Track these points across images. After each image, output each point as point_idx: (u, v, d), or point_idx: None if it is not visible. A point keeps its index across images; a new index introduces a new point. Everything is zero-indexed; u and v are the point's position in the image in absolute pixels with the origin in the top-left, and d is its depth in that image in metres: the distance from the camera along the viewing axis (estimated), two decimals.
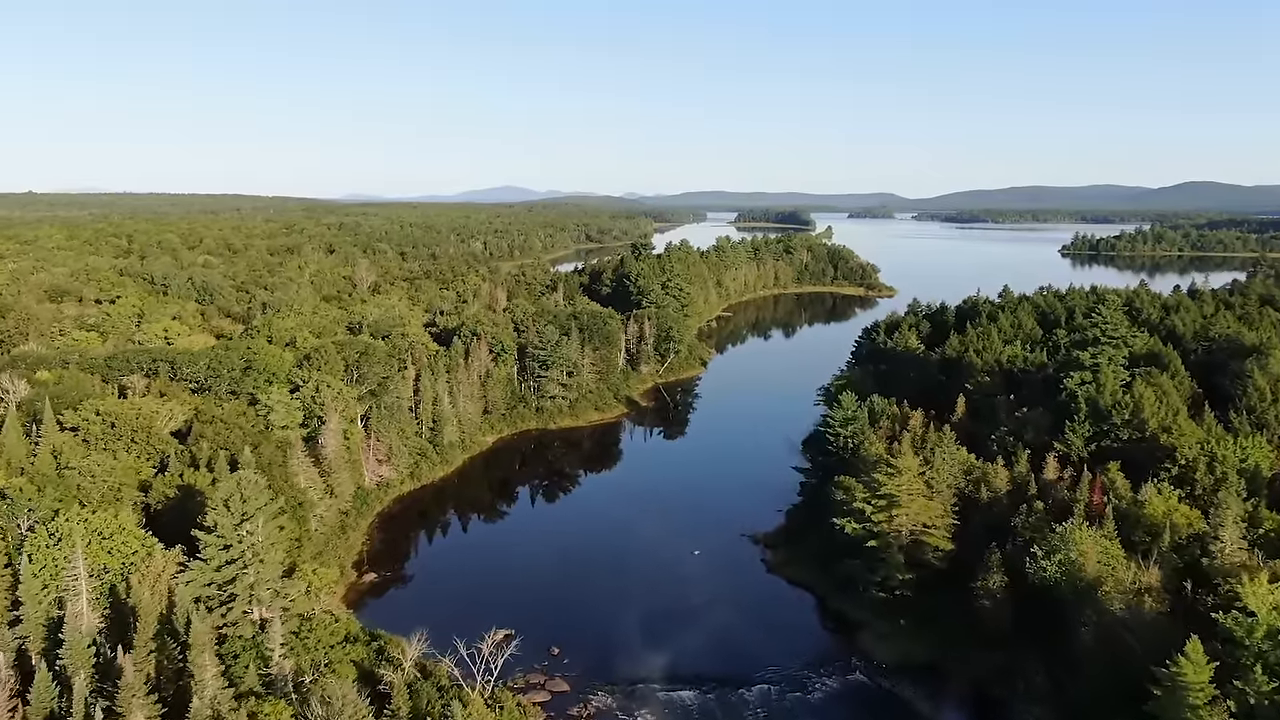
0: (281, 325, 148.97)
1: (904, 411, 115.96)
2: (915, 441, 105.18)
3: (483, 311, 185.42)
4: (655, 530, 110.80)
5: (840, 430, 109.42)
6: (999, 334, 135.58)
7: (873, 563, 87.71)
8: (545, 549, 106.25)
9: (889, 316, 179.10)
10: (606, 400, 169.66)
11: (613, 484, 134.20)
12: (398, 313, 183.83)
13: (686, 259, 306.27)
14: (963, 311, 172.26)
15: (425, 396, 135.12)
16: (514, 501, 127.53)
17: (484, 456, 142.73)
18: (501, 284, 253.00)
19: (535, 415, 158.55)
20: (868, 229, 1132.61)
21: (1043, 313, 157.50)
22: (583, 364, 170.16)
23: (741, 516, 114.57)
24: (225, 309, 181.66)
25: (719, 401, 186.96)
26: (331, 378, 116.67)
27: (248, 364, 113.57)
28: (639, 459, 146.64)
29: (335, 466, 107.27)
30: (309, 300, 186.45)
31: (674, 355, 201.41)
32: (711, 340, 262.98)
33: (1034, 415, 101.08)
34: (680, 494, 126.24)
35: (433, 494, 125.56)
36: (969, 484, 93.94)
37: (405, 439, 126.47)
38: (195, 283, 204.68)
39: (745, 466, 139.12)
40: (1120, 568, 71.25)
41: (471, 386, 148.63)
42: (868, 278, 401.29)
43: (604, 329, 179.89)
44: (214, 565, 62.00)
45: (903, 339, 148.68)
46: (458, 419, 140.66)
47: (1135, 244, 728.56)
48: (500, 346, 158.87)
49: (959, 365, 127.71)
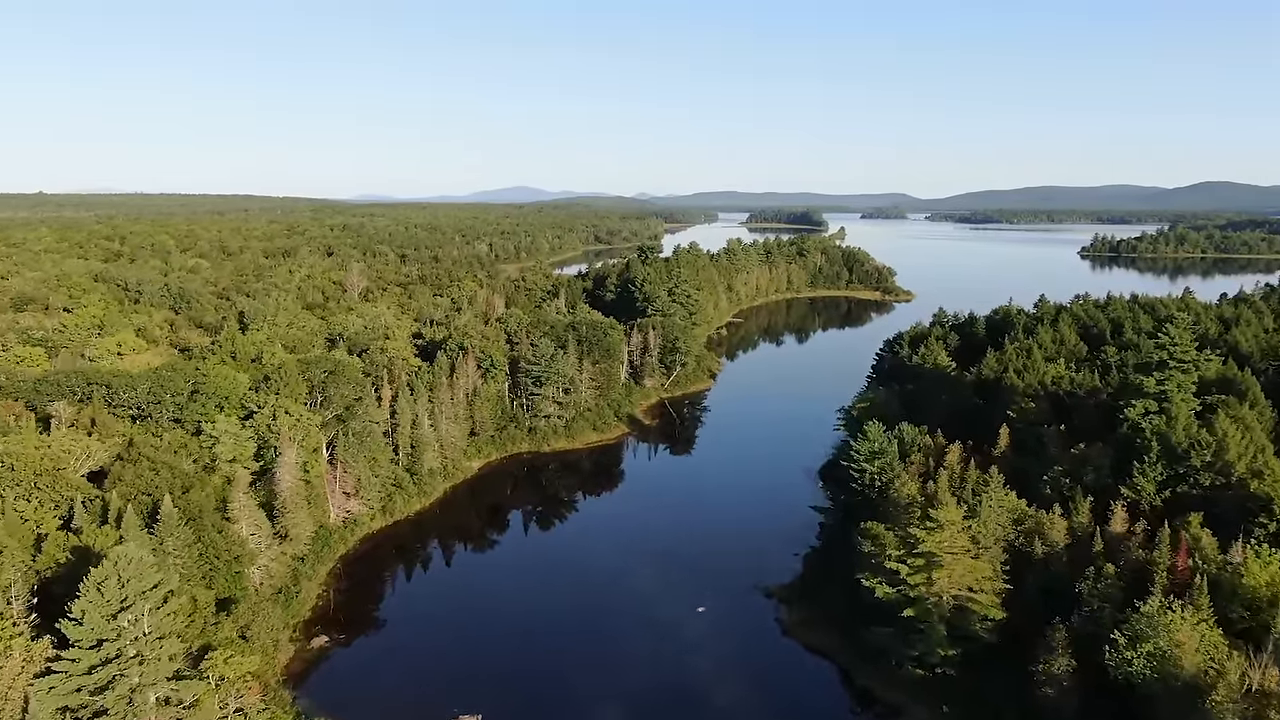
0: (250, 339, 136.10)
1: (937, 443, 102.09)
2: (953, 480, 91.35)
3: (474, 321, 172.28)
4: (655, 581, 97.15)
5: (866, 465, 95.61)
6: (1040, 351, 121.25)
7: (909, 634, 73.93)
8: (527, 604, 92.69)
9: (913, 328, 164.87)
10: (606, 419, 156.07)
11: (609, 518, 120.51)
12: (383, 323, 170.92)
13: (695, 262, 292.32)
14: (994, 323, 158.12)
15: (402, 419, 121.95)
16: (498, 541, 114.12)
17: (468, 484, 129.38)
18: (499, 290, 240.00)
19: (527, 437, 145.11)
20: (881, 230, 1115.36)
21: (1084, 326, 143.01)
22: (581, 379, 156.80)
23: (752, 560, 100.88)
24: (197, 319, 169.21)
25: (728, 418, 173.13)
26: (292, 402, 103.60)
27: (195, 387, 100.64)
28: (640, 487, 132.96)
29: (290, 505, 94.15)
30: (290, 309, 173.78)
31: (680, 368, 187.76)
32: (721, 348, 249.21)
33: (1092, 452, 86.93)
34: (684, 531, 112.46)
35: (407, 531, 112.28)
36: (1019, 535, 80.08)
37: (377, 468, 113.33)
38: (171, 289, 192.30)
39: (756, 497, 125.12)
40: (1226, 661, 57.26)
41: (456, 406, 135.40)
42: (884, 281, 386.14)
43: (604, 341, 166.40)
44: (81, 668, 48.92)
45: (931, 355, 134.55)
46: (439, 443, 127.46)
47: (1156, 245, 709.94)
48: (489, 361, 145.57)
49: (998, 388, 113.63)
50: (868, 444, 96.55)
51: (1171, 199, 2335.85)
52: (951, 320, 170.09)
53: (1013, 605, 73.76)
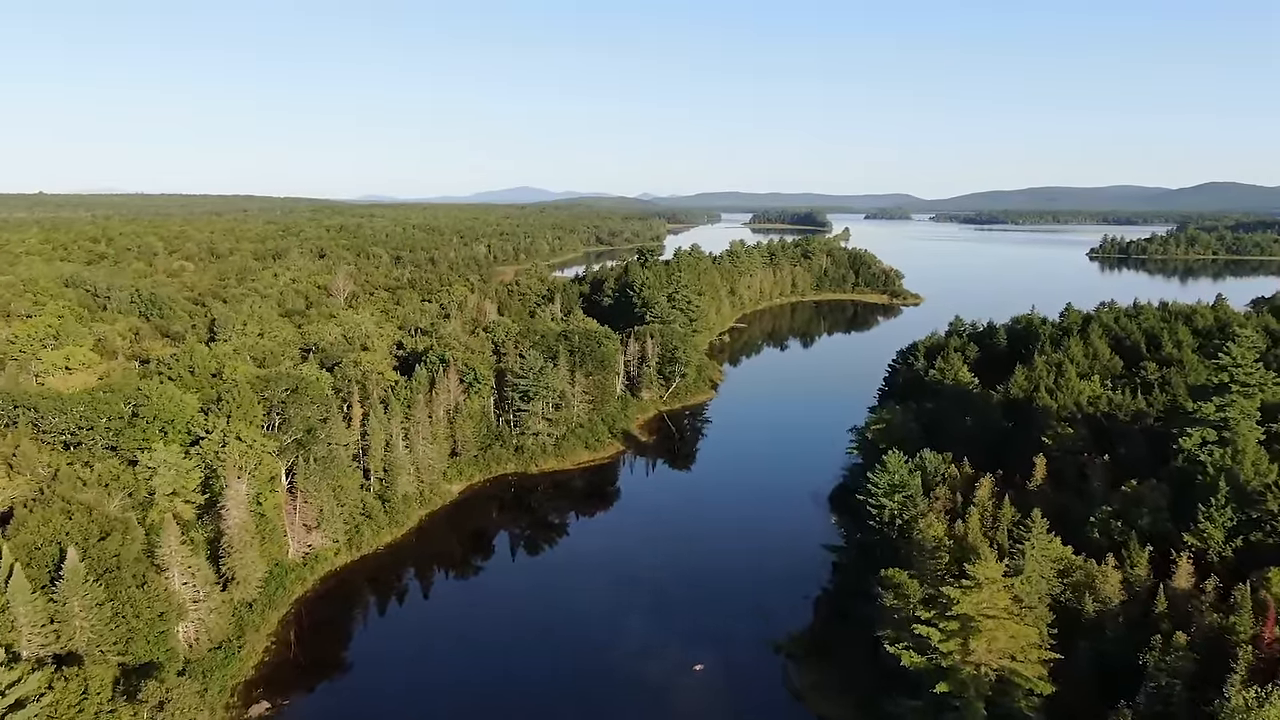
0: (215, 351, 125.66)
1: (964, 473, 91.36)
2: (985, 519, 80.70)
3: (460, 330, 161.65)
4: (647, 630, 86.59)
5: (885, 501, 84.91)
6: (1073, 367, 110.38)
7: (941, 711, 63.18)
8: (503, 659, 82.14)
9: (929, 338, 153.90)
10: (599, 435, 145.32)
11: (599, 551, 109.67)
12: (364, 331, 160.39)
13: (697, 266, 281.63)
14: (1016, 333, 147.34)
15: (374, 441, 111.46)
16: (477, 577, 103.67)
17: (448, 511, 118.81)
18: (491, 295, 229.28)
19: (514, 456, 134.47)
20: (885, 230, 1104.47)
21: (1115, 337, 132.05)
22: (573, 393, 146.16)
23: (756, 603, 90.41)
24: (164, 328, 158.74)
25: (731, 433, 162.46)
26: (245, 425, 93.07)
27: (135, 410, 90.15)
28: (634, 513, 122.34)
29: (238, 544, 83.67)
30: (265, 317, 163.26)
31: (680, 379, 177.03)
32: (724, 355, 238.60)
33: (1146, 490, 76.10)
34: (680, 567, 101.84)
35: (375, 566, 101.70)
36: (1066, 589, 69.38)
37: (344, 497, 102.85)
38: (142, 295, 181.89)
39: (761, 526, 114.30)
40: None
41: (436, 425, 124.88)
42: (891, 284, 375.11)
43: (598, 351, 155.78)
44: None
45: (950, 369, 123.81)
46: (415, 466, 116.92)
47: (1167, 247, 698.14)
48: (473, 375, 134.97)
49: (1028, 408, 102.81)
50: (886, 475, 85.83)
51: (1176, 199, 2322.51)
52: (969, 329, 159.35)
53: (1062, 677, 63.04)
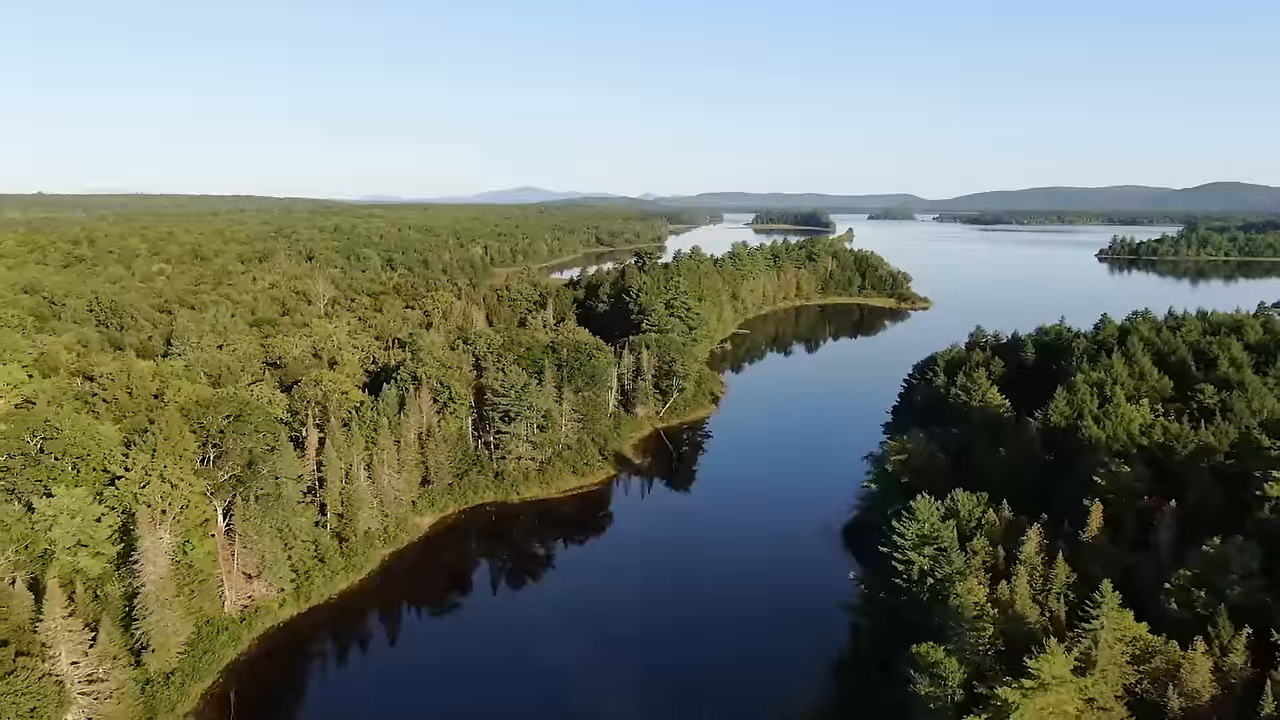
0: (158, 369, 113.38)
1: (1003, 519, 78.79)
2: (1034, 579, 68.17)
3: (443, 341, 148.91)
4: (637, 693, 74.10)
5: (913, 555, 72.24)
6: (1120, 389, 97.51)
7: None
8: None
9: (949, 351, 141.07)
10: (589, 459, 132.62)
11: (584, 597, 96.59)
12: (334, 343, 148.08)
13: (698, 269, 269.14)
14: (1046, 346, 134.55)
15: (331, 472, 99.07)
16: (441, 628, 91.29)
17: (416, 549, 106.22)
18: (479, 301, 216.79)
19: (493, 484, 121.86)
20: (888, 231, 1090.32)
21: (1158, 353, 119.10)
22: (561, 411, 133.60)
23: (762, 665, 78.18)
24: (117, 340, 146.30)
25: (733, 453, 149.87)
26: (173, 460, 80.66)
27: (42, 445, 77.81)
28: (625, 549, 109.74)
29: (154, 605, 71.30)
30: (230, 327, 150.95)
31: (678, 393, 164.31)
32: (725, 363, 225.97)
33: (1232, 551, 63.39)
34: (677, 619, 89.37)
35: (328, 617, 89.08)
36: (1143, 679, 56.81)
37: (292, 538, 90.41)
38: (102, 303, 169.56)
39: (767, 565, 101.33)
40: None
41: (405, 451, 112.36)
42: (899, 287, 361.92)
43: (589, 365, 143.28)
44: None
45: (977, 389, 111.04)
46: (379, 499, 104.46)
47: (1179, 248, 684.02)
48: (448, 394, 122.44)
49: (1073, 440, 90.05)
50: (915, 525, 73.08)
51: (1180, 200, 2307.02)
52: (992, 341, 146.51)
53: None
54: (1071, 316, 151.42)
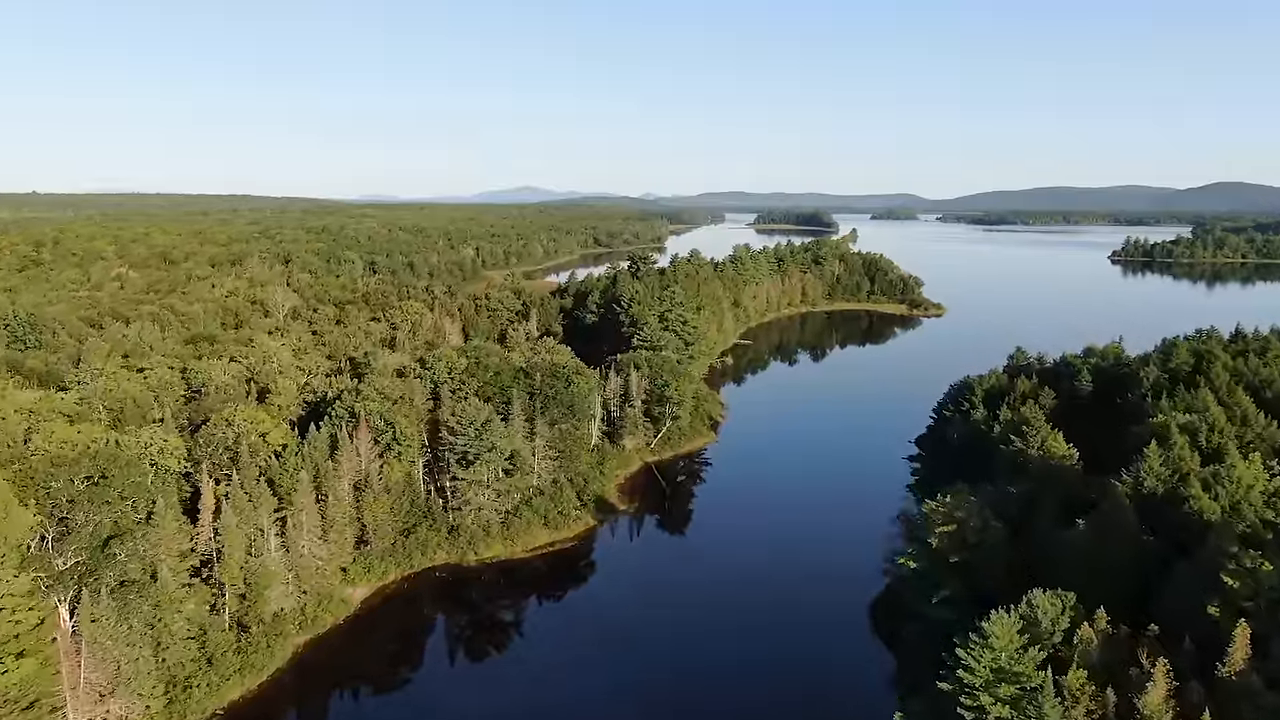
0: (35, 405, 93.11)
1: (1101, 633, 58.33)
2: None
3: (393, 365, 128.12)
4: None
5: (985, 700, 51.85)
6: (1230, 442, 76.73)
7: None
8: None
9: (989, 378, 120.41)
10: (565, 506, 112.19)
11: (550, 704, 76.54)
12: (276, 364, 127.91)
13: (697, 275, 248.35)
14: (1106, 374, 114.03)
15: (230, 542, 78.75)
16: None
17: (341, 631, 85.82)
18: (454, 312, 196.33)
19: (446, 541, 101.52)
20: (892, 231, 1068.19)
21: (1250, 386, 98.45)
22: (533, 449, 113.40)
23: None
24: (18, 363, 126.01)
25: (735, 494, 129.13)
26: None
27: None
28: (605, 623, 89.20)
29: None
30: (159, 345, 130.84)
31: (672, 421, 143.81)
32: (726, 378, 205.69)
33: None
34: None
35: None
36: None
37: (168, 637, 70.16)
38: (19, 317, 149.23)
39: (779, 662, 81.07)
40: None
41: (335, 506, 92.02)
42: (910, 292, 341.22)
43: (566, 393, 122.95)
44: None
45: (1036, 434, 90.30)
46: (295, 572, 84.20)
47: (1194, 249, 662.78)
48: (392, 433, 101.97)
49: (1174, 511, 69.53)
50: (989, 654, 52.79)
51: (1184, 200, 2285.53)
52: (1037, 365, 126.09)
53: None
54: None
